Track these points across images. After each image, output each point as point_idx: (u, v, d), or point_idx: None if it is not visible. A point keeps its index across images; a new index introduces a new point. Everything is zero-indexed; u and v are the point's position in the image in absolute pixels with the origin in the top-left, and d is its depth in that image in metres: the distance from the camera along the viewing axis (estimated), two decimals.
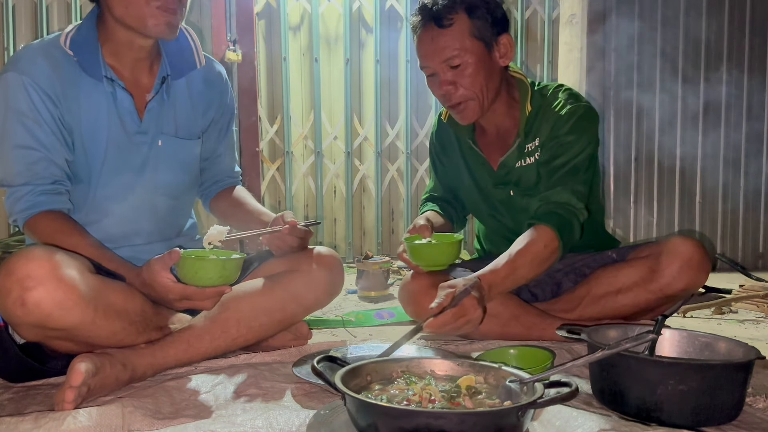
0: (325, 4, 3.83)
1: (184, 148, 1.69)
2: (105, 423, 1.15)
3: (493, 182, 1.93)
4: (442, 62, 1.73)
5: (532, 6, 3.95)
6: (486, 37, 1.74)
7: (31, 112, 1.51)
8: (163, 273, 1.39)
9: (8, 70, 1.52)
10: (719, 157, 3.92)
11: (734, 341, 1.36)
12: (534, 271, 1.70)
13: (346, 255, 3.92)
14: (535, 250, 1.68)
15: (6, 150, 1.53)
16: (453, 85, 1.75)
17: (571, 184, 1.76)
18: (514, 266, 1.66)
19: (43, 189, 1.52)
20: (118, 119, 1.58)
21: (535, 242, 1.69)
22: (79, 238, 1.49)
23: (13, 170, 1.52)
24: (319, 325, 2.18)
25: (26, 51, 1.55)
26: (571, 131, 1.78)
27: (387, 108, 3.96)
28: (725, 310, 2.52)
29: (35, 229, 1.52)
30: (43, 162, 1.52)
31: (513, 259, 1.67)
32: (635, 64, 3.82)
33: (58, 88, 1.53)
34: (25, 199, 1.51)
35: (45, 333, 1.37)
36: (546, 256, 1.69)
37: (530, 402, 1.01)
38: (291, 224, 1.60)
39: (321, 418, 1.15)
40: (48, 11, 3.53)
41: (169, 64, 1.65)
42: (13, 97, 1.50)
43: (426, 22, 1.74)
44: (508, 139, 1.88)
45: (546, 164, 1.81)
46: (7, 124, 1.52)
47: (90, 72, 1.55)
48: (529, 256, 1.67)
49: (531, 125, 1.84)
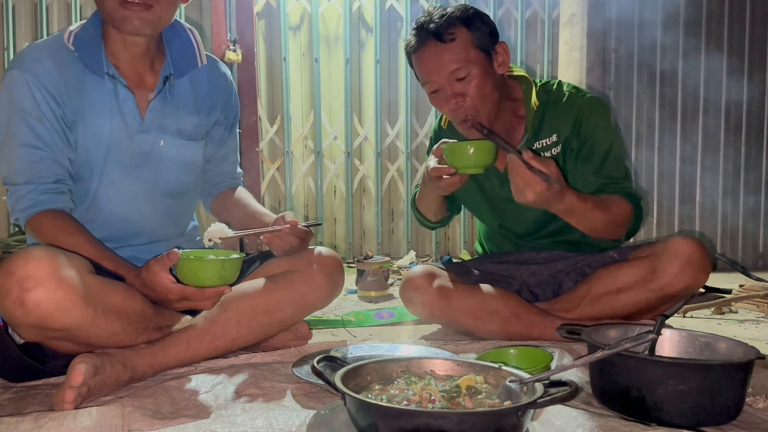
0: (325, 4, 3.83)
1: (186, 149, 1.69)
2: (105, 423, 1.15)
3: (500, 182, 1.93)
4: (449, 75, 1.74)
5: (532, 6, 3.95)
6: (485, 47, 1.77)
7: (34, 111, 1.51)
8: (162, 273, 1.39)
9: (12, 68, 1.53)
10: (719, 156, 3.92)
11: (734, 341, 1.36)
12: (603, 228, 1.74)
13: (346, 255, 3.92)
14: (614, 209, 1.74)
15: (10, 148, 1.53)
16: (462, 96, 1.75)
17: (621, 178, 1.82)
18: (595, 205, 1.69)
19: (45, 188, 1.52)
20: (120, 117, 1.58)
21: (617, 204, 1.75)
22: (79, 238, 1.49)
23: (16, 169, 1.52)
24: (319, 325, 2.18)
25: (31, 49, 1.56)
26: (599, 123, 1.83)
27: (387, 108, 3.96)
28: (725, 310, 2.52)
29: (36, 228, 1.52)
30: (45, 161, 1.52)
31: (596, 203, 1.70)
32: (635, 64, 3.83)
33: (62, 86, 1.53)
34: (27, 198, 1.51)
35: (44, 333, 1.36)
36: (619, 221, 1.76)
37: (530, 402, 1.01)
38: (292, 224, 1.60)
39: (321, 418, 1.15)
40: (48, 11, 3.54)
41: (172, 64, 1.66)
42: (17, 95, 1.51)
43: (426, 40, 1.75)
44: (514, 138, 1.89)
45: (586, 160, 1.83)
46: (12, 123, 1.52)
47: (92, 68, 1.55)
48: (607, 212, 1.72)
49: (541, 120, 1.85)
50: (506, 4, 3.93)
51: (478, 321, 1.81)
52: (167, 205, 1.69)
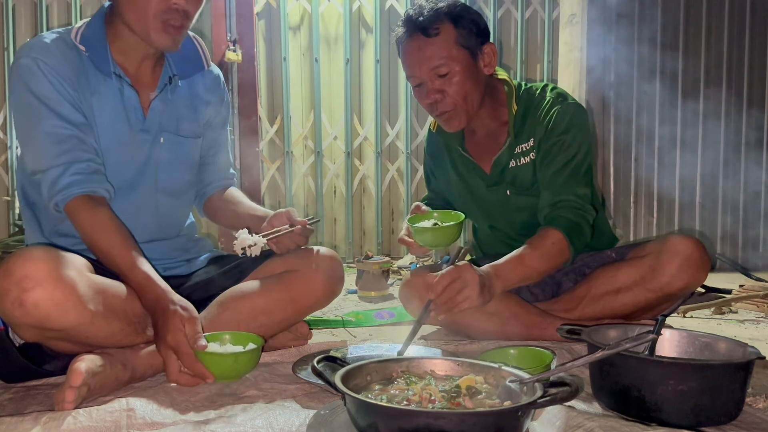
0: (325, 4, 3.83)
1: (186, 147, 1.70)
2: (105, 423, 1.15)
3: (486, 185, 1.93)
4: (430, 71, 1.74)
5: (532, 6, 3.95)
6: (471, 46, 1.76)
7: (52, 93, 1.48)
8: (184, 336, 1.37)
9: (22, 57, 1.50)
10: (719, 156, 3.92)
11: (734, 341, 1.36)
12: (543, 266, 1.71)
13: (346, 255, 3.92)
14: (542, 246, 1.71)
15: (36, 135, 1.49)
16: (441, 93, 1.76)
17: (575, 186, 1.78)
18: (521, 259, 1.69)
19: (77, 168, 1.47)
20: (123, 115, 1.58)
21: (543, 239, 1.72)
22: (115, 238, 1.45)
23: (44, 152, 1.48)
24: (319, 325, 2.18)
25: (38, 39, 1.54)
26: (567, 130, 1.80)
27: (387, 108, 3.96)
28: (725, 310, 2.52)
29: (74, 216, 1.47)
30: (72, 140, 1.48)
31: (521, 254, 1.70)
32: (635, 64, 3.82)
33: (72, 76, 1.51)
34: (60, 181, 1.46)
35: (43, 333, 1.36)
36: (554, 253, 1.71)
37: (530, 402, 1.01)
38: (302, 224, 1.62)
39: (321, 418, 1.15)
40: (48, 11, 3.54)
41: (174, 65, 1.67)
42: (33, 81, 1.48)
43: (412, 33, 1.76)
44: (498, 141, 1.90)
45: (547, 166, 1.81)
46: (33, 109, 1.48)
47: (100, 68, 1.55)
48: (537, 251, 1.70)
49: (521, 125, 1.85)
50: (506, 4, 3.93)
51: (478, 322, 1.81)
52: (167, 203, 1.68)
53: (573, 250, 1.73)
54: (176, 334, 1.36)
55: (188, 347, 1.36)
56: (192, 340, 1.36)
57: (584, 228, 1.76)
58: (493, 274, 1.64)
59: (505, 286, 1.67)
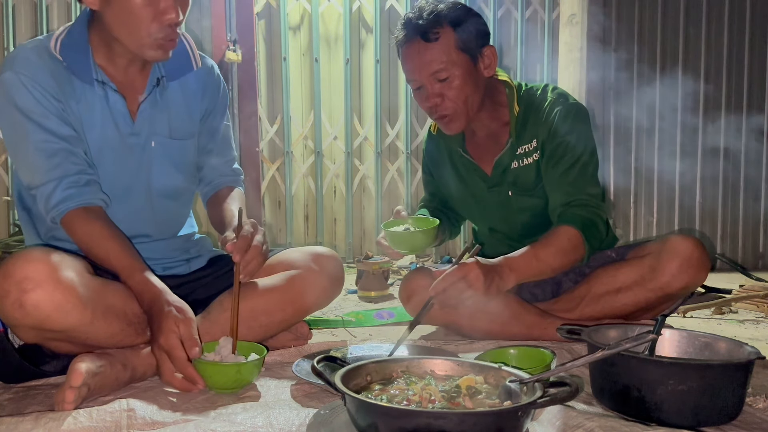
0: (325, 4, 3.83)
1: (178, 149, 1.66)
2: (105, 423, 1.15)
3: (488, 186, 1.93)
4: (430, 75, 1.74)
5: (532, 6, 3.95)
6: (471, 49, 1.76)
7: (37, 107, 1.47)
8: (179, 340, 1.36)
9: (5, 71, 1.49)
10: (719, 156, 3.92)
11: (734, 341, 1.36)
12: (557, 261, 1.72)
13: (346, 255, 3.92)
14: (557, 242, 1.72)
15: (26, 151, 1.49)
16: (440, 97, 1.76)
17: (585, 185, 1.79)
18: (536, 254, 1.69)
19: (69, 181, 1.47)
20: (111, 121, 1.56)
21: (558, 235, 1.73)
22: (113, 244, 1.45)
23: (36, 168, 1.48)
24: (319, 325, 2.18)
25: (19, 51, 1.52)
26: (571, 131, 1.80)
27: (387, 108, 3.95)
28: (725, 310, 2.52)
29: (70, 228, 1.47)
30: (62, 153, 1.48)
31: (535, 249, 1.70)
32: (635, 64, 3.82)
33: (56, 87, 1.50)
34: (54, 196, 1.46)
35: (43, 334, 1.36)
36: (569, 249, 1.72)
37: (530, 402, 1.01)
38: (230, 249, 1.46)
39: (321, 418, 1.15)
40: (48, 11, 3.53)
41: (163, 66, 1.62)
42: (18, 96, 1.47)
43: (412, 37, 1.75)
44: (499, 142, 1.90)
45: (553, 167, 1.81)
46: (20, 125, 1.48)
47: (81, 76, 1.52)
48: (552, 247, 1.71)
49: (523, 126, 1.85)
50: (506, 4, 3.93)
51: (478, 322, 1.81)
52: (163, 206, 1.66)
53: (588, 247, 1.73)
54: (169, 336, 1.34)
55: (181, 350, 1.34)
56: (187, 345, 1.35)
57: (599, 225, 1.76)
58: (507, 267, 1.65)
59: (518, 279, 1.68)
